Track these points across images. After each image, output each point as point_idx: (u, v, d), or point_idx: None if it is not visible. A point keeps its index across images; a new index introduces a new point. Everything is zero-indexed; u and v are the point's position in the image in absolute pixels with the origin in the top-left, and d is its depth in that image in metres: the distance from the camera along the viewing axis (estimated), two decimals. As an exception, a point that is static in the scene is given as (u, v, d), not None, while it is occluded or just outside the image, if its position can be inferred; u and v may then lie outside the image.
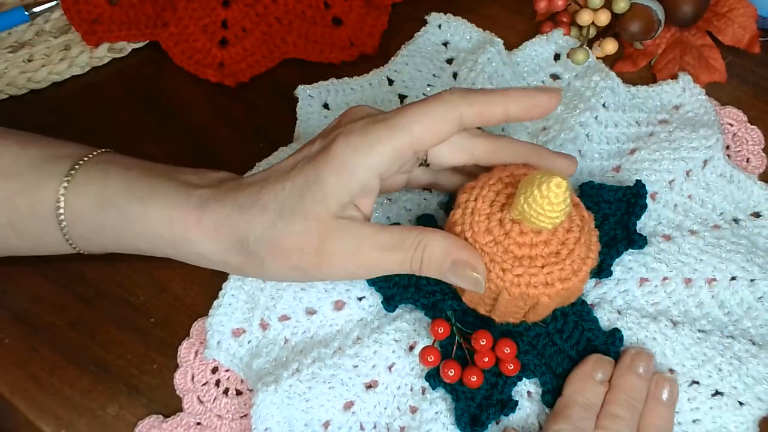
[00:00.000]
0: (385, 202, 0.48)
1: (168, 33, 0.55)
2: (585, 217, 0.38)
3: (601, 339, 0.43)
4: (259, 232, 0.37)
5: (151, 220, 0.39)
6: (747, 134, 0.51)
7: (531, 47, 0.54)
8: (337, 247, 0.37)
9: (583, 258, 0.37)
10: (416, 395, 0.43)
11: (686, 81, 0.52)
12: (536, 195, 0.33)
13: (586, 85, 0.52)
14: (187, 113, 0.52)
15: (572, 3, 0.54)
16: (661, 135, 0.49)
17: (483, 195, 0.38)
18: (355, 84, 0.53)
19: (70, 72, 0.55)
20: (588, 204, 0.40)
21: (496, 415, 0.41)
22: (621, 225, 0.45)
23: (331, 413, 0.43)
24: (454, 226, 0.38)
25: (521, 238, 0.37)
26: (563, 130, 0.50)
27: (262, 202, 0.37)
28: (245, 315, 0.45)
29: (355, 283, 0.45)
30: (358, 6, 0.55)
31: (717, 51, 0.53)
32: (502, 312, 0.40)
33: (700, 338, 0.43)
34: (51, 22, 0.57)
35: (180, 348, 0.45)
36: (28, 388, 0.45)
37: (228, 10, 0.56)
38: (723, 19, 0.53)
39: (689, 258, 0.45)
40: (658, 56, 0.54)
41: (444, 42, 0.55)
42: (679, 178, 0.48)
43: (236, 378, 0.45)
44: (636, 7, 0.52)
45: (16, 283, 0.46)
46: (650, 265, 0.45)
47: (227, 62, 0.55)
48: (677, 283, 0.45)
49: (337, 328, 0.45)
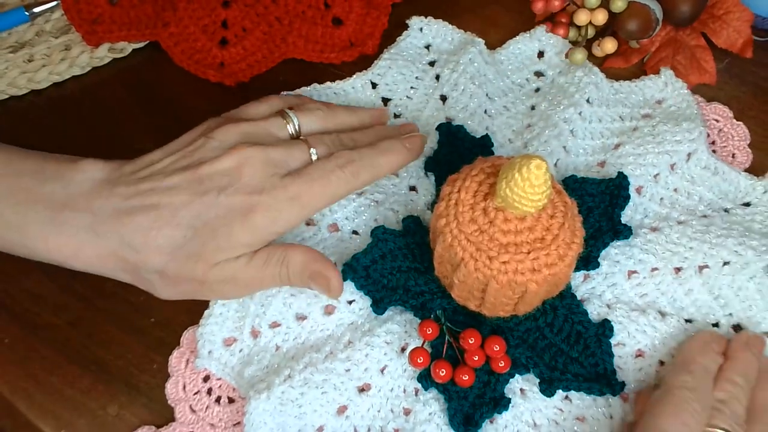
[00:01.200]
0: (372, 204, 0.48)
1: (168, 33, 0.55)
2: (568, 203, 0.38)
3: (591, 330, 0.43)
4: (151, 267, 0.40)
5: (29, 239, 0.40)
6: (733, 130, 0.51)
7: (515, 45, 0.55)
8: (218, 277, 0.41)
9: (568, 243, 0.37)
10: (409, 397, 0.43)
11: (668, 76, 0.52)
12: (517, 178, 0.34)
13: (569, 81, 0.52)
14: (187, 113, 0.51)
15: (570, 3, 0.55)
16: (645, 129, 0.50)
17: (466, 186, 0.38)
18: (338, 88, 0.53)
19: (71, 72, 0.55)
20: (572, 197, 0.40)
21: (490, 413, 0.41)
22: (606, 217, 0.45)
23: (325, 418, 0.42)
24: (438, 219, 0.39)
25: (506, 225, 0.37)
26: (548, 126, 0.50)
27: (156, 245, 0.40)
28: (236, 324, 0.45)
29: (344, 286, 0.45)
30: (358, 6, 0.56)
31: (709, 53, 0.54)
32: (492, 304, 0.40)
33: (687, 328, 0.44)
34: (51, 22, 0.57)
35: (170, 357, 0.45)
36: (28, 388, 0.44)
37: (228, 10, 0.56)
38: (718, 22, 0.54)
39: (678, 247, 0.45)
40: (651, 54, 0.55)
41: (426, 45, 0.56)
42: (663, 172, 0.48)
43: (228, 386, 0.44)
44: (634, 6, 0.52)
45: (16, 283, 0.46)
46: (638, 257, 0.45)
47: (227, 62, 0.55)
48: (666, 273, 0.45)
49: (328, 333, 0.44)
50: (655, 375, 0.43)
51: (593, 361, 0.42)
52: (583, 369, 0.42)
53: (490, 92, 0.53)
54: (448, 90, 0.52)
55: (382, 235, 0.44)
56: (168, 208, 0.40)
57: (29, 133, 0.53)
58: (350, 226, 0.48)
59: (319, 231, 0.47)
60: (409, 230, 0.45)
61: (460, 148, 0.49)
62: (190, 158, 0.42)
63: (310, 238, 0.47)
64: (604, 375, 0.42)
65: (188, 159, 0.42)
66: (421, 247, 0.44)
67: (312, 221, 0.48)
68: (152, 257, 0.40)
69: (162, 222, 0.40)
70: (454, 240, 0.37)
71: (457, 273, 0.39)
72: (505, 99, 0.53)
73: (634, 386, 0.43)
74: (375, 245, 0.44)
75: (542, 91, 0.53)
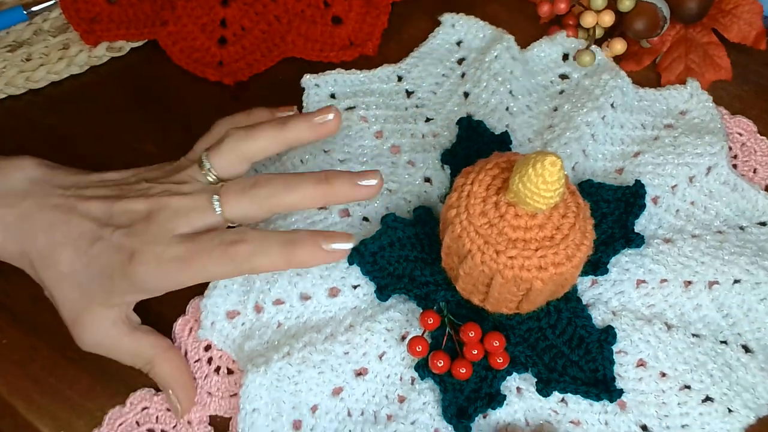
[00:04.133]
0: (385, 193, 0.48)
1: (167, 32, 0.55)
2: (580, 204, 0.38)
3: (594, 336, 0.42)
4: (48, 280, 0.41)
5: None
6: (756, 144, 0.51)
7: (538, 48, 0.54)
8: (91, 322, 0.41)
9: (577, 244, 0.37)
10: (405, 385, 0.43)
11: (694, 87, 0.51)
12: (531, 174, 0.33)
13: (595, 83, 0.52)
14: (186, 112, 0.51)
15: (576, 5, 0.55)
16: (666, 140, 0.49)
17: (479, 179, 0.38)
18: (363, 76, 0.53)
19: (69, 71, 0.55)
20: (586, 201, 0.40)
21: (484, 408, 0.41)
22: (619, 224, 0.45)
23: (320, 398, 0.42)
24: (449, 209, 0.38)
25: (516, 221, 0.37)
26: (569, 128, 0.50)
27: (57, 259, 0.41)
28: (240, 297, 0.45)
29: (350, 270, 0.45)
30: (358, 5, 0.56)
31: (722, 49, 0.53)
32: (496, 299, 0.40)
33: (693, 343, 0.43)
34: (49, 21, 0.57)
35: (175, 325, 0.45)
36: (27, 389, 0.45)
37: (227, 9, 0.56)
38: (728, 16, 0.53)
39: (690, 260, 0.45)
40: (663, 54, 0.54)
41: (458, 41, 0.56)
42: (681, 184, 0.48)
43: (229, 357, 0.45)
44: (641, 5, 0.51)
45: (15, 283, 0.46)
46: (648, 267, 0.45)
47: (226, 61, 0.55)
48: (675, 286, 0.45)
49: (331, 315, 0.45)
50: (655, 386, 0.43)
51: (593, 366, 0.42)
52: (582, 373, 0.42)
53: (515, 90, 0.52)
54: (471, 86, 0.52)
55: (392, 223, 0.44)
56: (76, 230, 0.40)
57: (27, 133, 0.53)
58: (361, 213, 0.48)
59: (330, 215, 0.48)
60: (419, 220, 0.45)
61: (478, 143, 0.49)
62: (115, 191, 0.42)
63: (321, 221, 0.47)
64: (603, 381, 0.42)
65: (113, 191, 0.42)
66: (430, 238, 0.44)
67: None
68: (51, 271, 0.41)
69: (67, 241, 0.40)
70: (463, 231, 0.37)
71: (463, 265, 0.39)
72: (528, 98, 0.53)
73: (633, 395, 0.43)
74: (384, 232, 0.44)
75: (566, 93, 0.53)
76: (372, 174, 0.42)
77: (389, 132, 0.51)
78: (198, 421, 0.43)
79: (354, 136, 0.51)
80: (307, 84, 0.53)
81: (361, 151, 0.50)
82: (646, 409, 0.42)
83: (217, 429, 0.43)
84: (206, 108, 0.53)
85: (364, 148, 0.51)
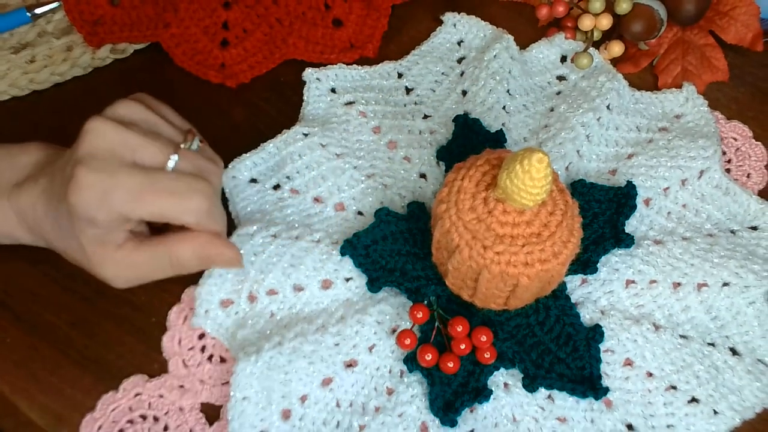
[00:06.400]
0: (380, 188, 0.49)
1: (169, 34, 0.55)
2: (569, 202, 0.38)
3: (582, 334, 0.43)
4: (65, 251, 0.42)
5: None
6: (750, 149, 0.51)
7: (537, 50, 0.55)
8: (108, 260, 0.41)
9: (564, 241, 0.37)
10: (394, 377, 0.44)
11: (690, 91, 0.52)
12: (518, 170, 0.34)
13: (592, 85, 0.52)
14: (188, 114, 0.51)
15: (574, 8, 0.55)
16: (660, 142, 0.50)
17: (470, 175, 0.38)
18: (364, 72, 0.54)
19: (72, 73, 0.55)
20: (578, 202, 0.40)
21: (470, 402, 0.42)
22: (610, 224, 0.45)
23: (309, 388, 0.43)
24: (439, 204, 0.39)
25: (504, 217, 0.37)
26: (564, 129, 0.50)
27: (61, 234, 0.41)
28: (234, 286, 0.45)
29: (343, 263, 0.45)
30: (359, 8, 0.56)
31: (719, 50, 0.53)
32: (484, 295, 0.40)
33: (681, 344, 0.43)
34: (53, 23, 0.57)
35: (170, 312, 0.46)
36: (29, 388, 0.45)
37: (229, 12, 0.56)
38: (725, 18, 0.53)
39: (679, 262, 0.45)
40: (660, 57, 0.54)
41: (459, 41, 0.56)
42: (674, 186, 0.48)
43: (222, 346, 0.45)
44: (638, 7, 0.52)
45: (17, 283, 0.46)
46: (638, 267, 0.45)
47: (228, 63, 0.55)
48: (664, 287, 0.45)
49: (323, 307, 0.45)
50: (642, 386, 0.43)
51: (580, 363, 0.42)
52: (569, 370, 0.42)
53: (512, 89, 0.53)
54: (469, 84, 0.53)
55: (385, 217, 0.45)
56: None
57: (31, 134, 0.52)
58: (356, 207, 0.48)
59: (325, 209, 0.48)
60: (413, 215, 0.46)
61: (473, 140, 0.49)
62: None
63: (316, 215, 0.48)
64: (589, 378, 0.42)
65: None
66: (423, 234, 0.45)
67: (319, 198, 0.49)
68: (59, 239, 0.41)
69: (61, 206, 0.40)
70: (452, 226, 0.38)
71: (451, 260, 0.39)
72: (525, 98, 0.53)
73: (619, 394, 0.43)
74: (377, 226, 0.45)
75: (563, 93, 0.53)
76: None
77: (387, 127, 0.52)
78: (189, 408, 0.44)
79: (352, 130, 0.51)
80: (309, 78, 0.53)
81: (358, 146, 0.51)
82: (632, 408, 0.43)
83: (209, 416, 0.44)
84: (208, 110, 0.54)
85: (362, 143, 0.51)
